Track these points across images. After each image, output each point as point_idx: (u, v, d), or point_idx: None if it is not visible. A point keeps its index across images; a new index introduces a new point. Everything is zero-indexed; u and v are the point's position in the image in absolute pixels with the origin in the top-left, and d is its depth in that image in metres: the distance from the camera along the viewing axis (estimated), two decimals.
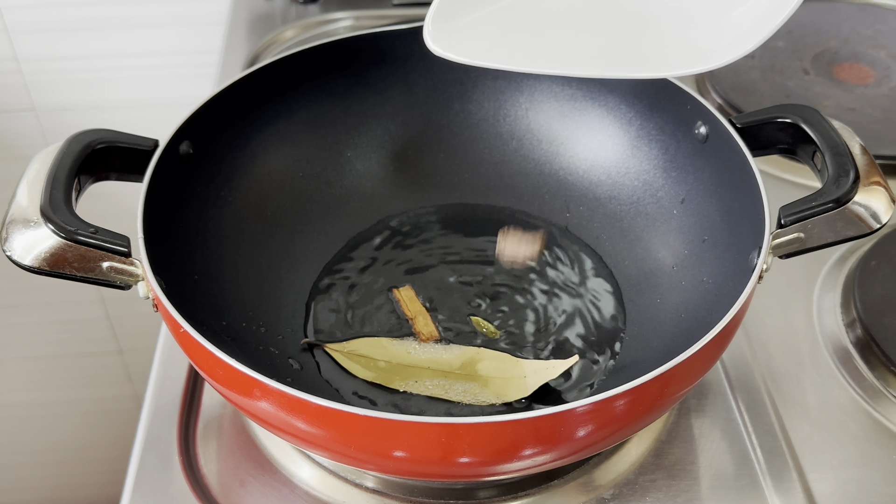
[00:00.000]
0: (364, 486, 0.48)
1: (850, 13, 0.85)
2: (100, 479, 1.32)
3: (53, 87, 0.98)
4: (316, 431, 0.40)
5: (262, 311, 0.54)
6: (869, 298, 0.57)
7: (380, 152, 0.63)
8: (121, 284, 0.44)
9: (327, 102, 0.61)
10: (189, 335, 0.41)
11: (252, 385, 0.40)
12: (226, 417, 0.52)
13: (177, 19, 0.94)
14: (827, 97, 0.75)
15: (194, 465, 0.49)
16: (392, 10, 0.88)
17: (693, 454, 0.50)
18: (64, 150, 0.46)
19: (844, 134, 0.49)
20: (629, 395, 0.39)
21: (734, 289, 0.46)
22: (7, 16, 0.92)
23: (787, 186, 0.67)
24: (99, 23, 0.94)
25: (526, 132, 0.63)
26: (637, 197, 0.59)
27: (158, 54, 0.96)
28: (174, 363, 0.55)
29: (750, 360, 0.55)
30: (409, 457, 0.40)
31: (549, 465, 0.42)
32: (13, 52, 0.94)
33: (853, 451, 0.51)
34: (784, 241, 0.46)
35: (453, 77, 0.62)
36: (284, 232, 0.58)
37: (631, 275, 0.57)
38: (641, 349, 0.52)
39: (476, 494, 0.48)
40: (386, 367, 0.52)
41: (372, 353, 0.52)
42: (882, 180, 0.47)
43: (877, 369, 0.55)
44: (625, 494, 0.48)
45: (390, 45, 0.60)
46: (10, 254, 0.42)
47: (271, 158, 0.59)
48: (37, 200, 0.44)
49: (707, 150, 0.54)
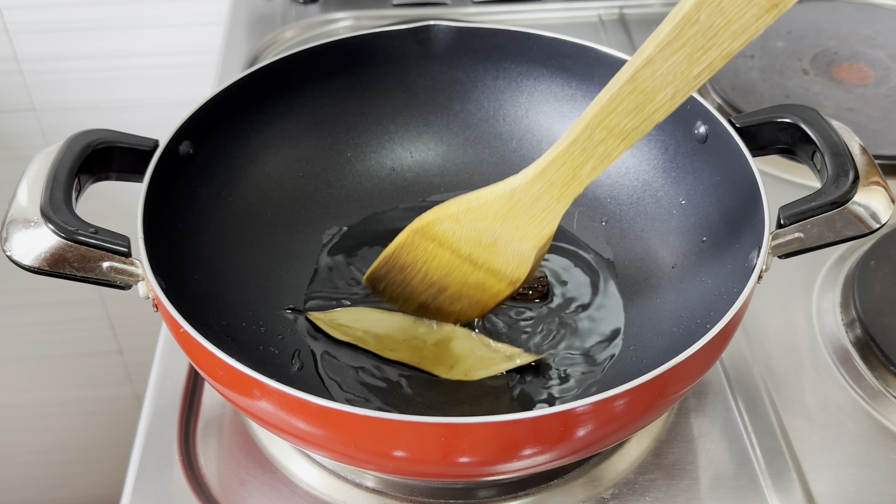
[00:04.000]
0: (364, 486, 0.49)
1: (850, 13, 0.85)
2: (100, 479, 1.32)
3: (53, 87, 0.98)
4: (316, 431, 0.40)
5: (262, 311, 0.54)
6: (868, 298, 0.57)
7: (380, 152, 0.63)
8: (121, 284, 0.44)
9: (327, 102, 0.61)
10: (189, 335, 0.41)
11: (252, 385, 0.40)
12: (226, 417, 0.52)
13: (177, 19, 0.94)
14: (826, 97, 0.75)
15: (194, 465, 0.49)
16: (392, 10, 0.88)
17: (692, 454, 0.50)
18: (64, 150, 0.46)
19: (844, 134, 0.49)
20: (629, 395, 0.39)
21: (734, 289, 0.46)
22: (7, 16, 0.92)
23: (786, 186, 0.67)
24: (99, 23, 0.94)
25: (526, 132, 0.63)
26: (637, 197, 0.59)
27: (158, 54, 0.96)
28: (174, 363, 0.55)
29: (749, 360, 0.55)
30: (409, 457, 0.40)
31: (549, 465, 0.42)
32: (13, 52, 0.94)
33: (853, 450, 0.51)
34: (783, 241, 0.46)
35: (453, 77, 0.62)
36: (284, 232, 0.58)
37: (631, 275, 0.57)
38: (641, 349, 0.52)
39: (476, 494, 0.48)
40: (363, 335, 0.53)
41: (352, 321, 0.54)
42: (881, 180, 0.47)
43: (876, 369, 0.55)
44: (624, 494, 0.48)
45: (390, 45, 0.60)
46: (10, 254, 0.43)
47: (271, 158, 0.59)
48: (37, 200, 0.44)
49: (707, 150, 0.54)
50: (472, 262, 0.50)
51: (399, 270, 0.52)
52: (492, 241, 0.49)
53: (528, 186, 0.46)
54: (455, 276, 0.51)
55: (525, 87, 0.62)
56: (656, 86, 0.41)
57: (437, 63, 0.62)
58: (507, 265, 0.50)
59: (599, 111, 0.42)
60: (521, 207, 0.47)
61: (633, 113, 0.42)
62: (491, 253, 0.49)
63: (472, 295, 0.52)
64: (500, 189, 0.47)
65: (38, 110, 0.99)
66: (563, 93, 0.61)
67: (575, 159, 0.44)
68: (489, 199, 0.48)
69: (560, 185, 0.46)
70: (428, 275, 0.51)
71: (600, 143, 0.43)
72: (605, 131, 0.43)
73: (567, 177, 0.45)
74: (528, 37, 0.60)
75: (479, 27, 0.61)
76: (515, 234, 0.48)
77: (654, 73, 0.41)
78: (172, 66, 0.97)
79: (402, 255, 0.51)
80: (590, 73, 0.59)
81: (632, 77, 0.41)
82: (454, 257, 0.50)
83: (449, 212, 0.49)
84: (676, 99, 0.41)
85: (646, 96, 0.41)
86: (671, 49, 0.40)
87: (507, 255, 0.49)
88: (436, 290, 0.52)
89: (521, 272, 0.50)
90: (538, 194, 0.46)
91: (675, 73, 0.40)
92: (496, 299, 0.52)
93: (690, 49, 0.40)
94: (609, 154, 0.44)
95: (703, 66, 0.40)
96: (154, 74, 0.98)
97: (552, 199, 0.46)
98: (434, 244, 0.50)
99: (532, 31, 0.60)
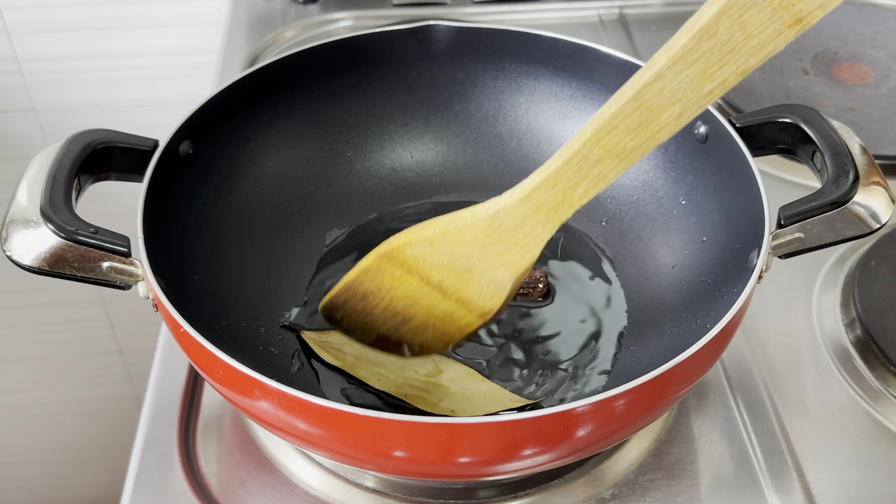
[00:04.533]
0: (364, 486, 0.49)
1: (850, 13, 0.85)
2: (100, 479, 1.32)
3: (53, 87, 0.98)
4: (316, 431, 0.40)
5: (262, 311, 0.54)
6: (868, 298, 0.57)
7: (380, 152, 0.63)
8: (121, 284, 0.44)
9: (327, 102, 0.61)
10: (189, 335, 0.41)
11: (252, 385, 0.40)
12: (226, 417, 0.52)
13: (177, 19, 0.94)
14: (827, 97, 0.75)
15: (194, 465, 0.49)
16: (392, 10, 0.88)
17: (693, 454, 0.50)
18: (64, 150, 0.46)
19: (844, 134, 0.49)
20: (629, 395, 0.39)
21: (734, 289, 0.46)
22: (7, 16, 0.92)
23: (786, 186, 0.67)
24: (99, 23, 0.94)
25: (526, 132, 0.63)
26: (637, 197, 0.59)
27: (158, 54, 0.96)
28: (174, 363, 0.55)
29: (749, 360, 0.55)
30: (409, 457, 0.40)
31: (549, 465, 0.42)
32: (13, 52, 0.94)
33: (853, 451, 0.51)
34: (784, 242, 0.46)
35: (453, 77, 0.62)
36: (284, 232, 0.58)
37: (631, 275, 0.57)
38: (641, 349, 0.52)
39: (476, 494, 0.48)
40: (353, 361, 0.51)
41: (343, 345, 0.52)
42: (882, 180, 0.47)
43: (876, 369, 0.55)
44: (624, 494, 0.48)
45: (390, 45, 0.60)
46: (10, 254, 0.43)
47: (271, 158, 0.59)
48: (37, 200, 0.44)
49: (707, 150, 0.54)
50: (442, 290, 0.46)
51: (360, 298, 0.48)
52: (466, 268, 0.45)
53: (514, 209, 0.43)
54: (421, 306, 0.47)
55: (525, 87, 0.62)
56: (664, 103, 0.38)
57: (437, 63, 0.62)
58: (480, 295, 0.46)
59: (599, 128, 0.39)
60: (503, 232, 0.43)
61: (635, 132, 0.39)
62: (464, 281, 0.45)
63: (439, 327, 0.48)
64: (481, 211, 0.44)
65: (38, 110, 0.99)
66: (563, 93, 0.61)
67: (568, 180, 0.41)
68: (469, 222, 0.44)
69: (548, 208, 0.42)
70: (392, 304, 0.47)
71: (596, 164, 0.40)
72: (603, 151, 0.40)
73: (557, 200, 0.42)
74: (528, 37, 0.60)
75: (479, 27, 0.61)
76: (493, 262, 0.44)
77: (663, 88, 0.38)
78: (172, 66, 0.97)
79: (366, 282, 0.47)
80: (590, 73, 0.59)
81: (638, 92, 0.38)
82: (423, 285, 0.46)
83: (423, 234, 0.45)
84: (683, 118, 0.38)
85: (651, 114, 0.38)
86: (684, 63, 0.37)
87: (481, 283, 0.45)
88: (399, 321, 0.48)
89: (494, 303, 0.46)
90: (523, 218, 0.43)
91: (686, 90, 0.38)
92: (463, 332, 0.48)
93: (705, 64, 0.37)
94: (604, 176, 0.41)
95: (716, 84, 0.37)
96: (154, 74, 0.98)
97: (538, 223, 0.43)
98: (402, 270, 0.46)
99: (532, 31, 0.60)
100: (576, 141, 0.40)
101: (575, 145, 0.40)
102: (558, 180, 0.41)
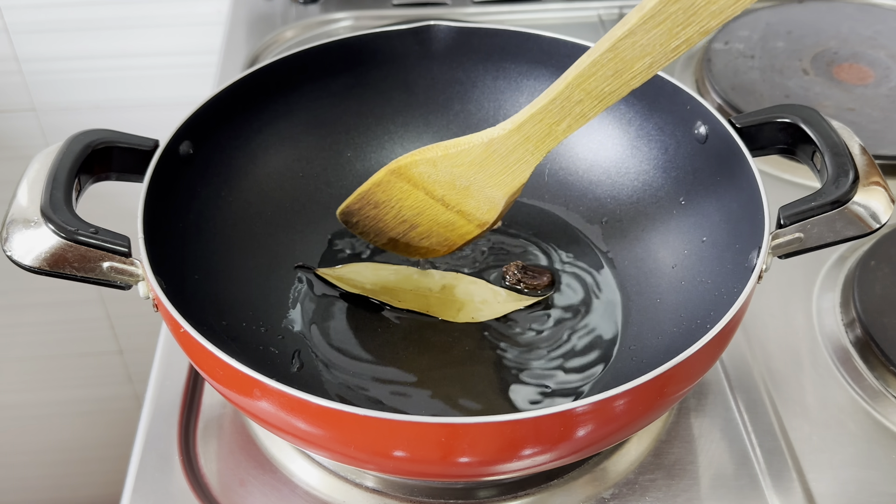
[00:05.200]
0: (364, 486, 0.49)
1: (850, 13, 0.85)
2: (100, 479, 1.32)
3: (53, 87, 0.98)
4: (316, 431, 0.40)
5: (263, 311, 0.54)
6: (868, 298, 0.57)
7: (380, 152, 0.63)
8: (121, 284, 0.44)
9: (327, 102, 0.61)
10: (189, 335, 0.41)
11: (252, 385, 0.40)
12: (226, 417, 0.52)
13: (177, 19, 0.94)
14: (826, 97, 0.75)
15: (194, 465, 0.49)
16: (392, 10, 0.88)
17: (693, 454, 0.50)
18: (64, 150, 0.46)
19: (844, 134, 0.49)
20: (629, 395, 0.39)
21: (734, 289, 0.46)
22: (7, 16, 0.92)
23: (786, 186, 0.67)
24: (99, 23, 0.94)
25: None
26: (637, 197, 0.59)
27: (158, 54, 0.96)
28: (174, 363, 0.55)
29: (749, 359, 0.55)
30: (409, 457, 0.40)
31: (549, 465, 0.42)
32: (13, 52, 0.94)
33: (853, 451, 0.51)
34: (783, 241, 0.46)
35: (453, 77, 0.62)
36: (284, 232, 0.58)
37: (631, 275, 0.57)
38: (641, 349, 0.52)
39: (476, 494, 0.48)
40: (371, 287, 0.56)
41: (359, 276, 0.57)
42: (881, 180, 0.47)
43: (876, 369, 0.55)
44: (624, 494, 0.48)
45: (390, 45, 0.61)
46: (10, 254, 0.43)
47: (271, 158, 0.59)
48: (37, 200, 0.44)
49: (707, 150, 0.54)
50: (445, 203, 0.52)
51: (373, 207, 0.54)
52: (466, 185, 0.51)
53: (506, 138, 0.48)
54: (426, 216, 0.53)
55: (525, 87, 0.62)
56: (636, 55, 0.43)
57: (437, 63, 0.62)
58: (478, 209, 0.52)
59: (580, 74, 0.44)
60: (497, 157, 0.49)
61: (611, 78, 0.44)
62: (463, 196, 0.52)
63: (442, 233, 0.54)
64: (477, 139, 0.49)
65: (38, 110, 0.99)
66: None
67: (552, 116, 0.46)
68: (466, 147, 0.50)
69: (536, 139, 0.48)
70: (401, 212, 0.54)
71: (578, 104, 0.46)
72: (584, 93, 0.45)
73: (543, 132, 0.47)
74: (528, 37, 0.60)
75: (479, 27, 0.61)
76: (489, 181, 0.50)
77: (635, 43, 0.43)
78: (172, 66, 0.97)
79: (377, 193, 0.53)
80: None
81: (613, 45, 0.43)
82: (427, 198, 0.52)
83: (426, 156, 0.51)
84: (653, 68, 0.44)
85: (625, 64, 0.43)
86: (653, 23, 0.42)
87: (478, 199, 0.51)
88: (407, 227, 0.54)
89: (490, 216, 0.52)
90: (514, 146, 0.49)
91: (655, 45, 0.43)
92: (464, 239, 0.54)
93: (671, 24, 0.42)
94: (585, 114, 0.46)
95: (682, 41, 0.42)
96: (154, 74, 0.98)
97: (527, 151, 0.49)
98: (409, 185, 0.52)
99: (532, 31, 0.60)
100: (559, 83, 0.45)
101: (559, 87, 0.45)
102: (545, 116, 0.47)
